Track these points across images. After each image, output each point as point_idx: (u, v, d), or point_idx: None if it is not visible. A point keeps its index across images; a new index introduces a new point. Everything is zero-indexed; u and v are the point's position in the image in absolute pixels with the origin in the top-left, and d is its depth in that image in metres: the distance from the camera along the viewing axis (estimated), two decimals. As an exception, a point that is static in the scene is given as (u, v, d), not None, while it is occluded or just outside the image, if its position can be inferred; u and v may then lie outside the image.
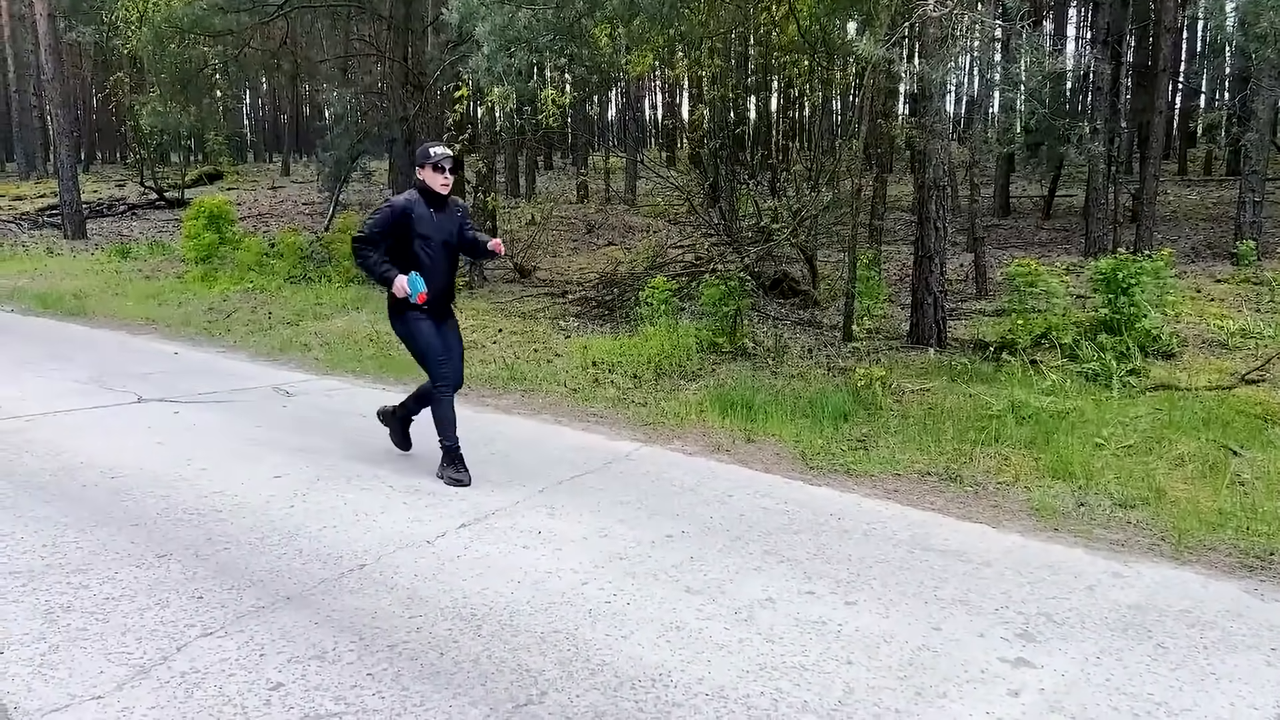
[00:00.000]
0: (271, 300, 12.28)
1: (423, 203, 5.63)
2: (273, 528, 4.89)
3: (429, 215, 5.64)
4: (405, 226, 5.57)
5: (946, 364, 8.51)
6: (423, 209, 5.63)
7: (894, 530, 5.19)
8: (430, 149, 5.65)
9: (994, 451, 6.49)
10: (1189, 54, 31.02)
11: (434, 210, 5.66)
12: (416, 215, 5.59)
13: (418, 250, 5.62)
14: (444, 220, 5.71)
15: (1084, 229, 15.88)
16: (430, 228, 5.64)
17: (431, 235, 5.63)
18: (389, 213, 5.58)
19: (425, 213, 5.62)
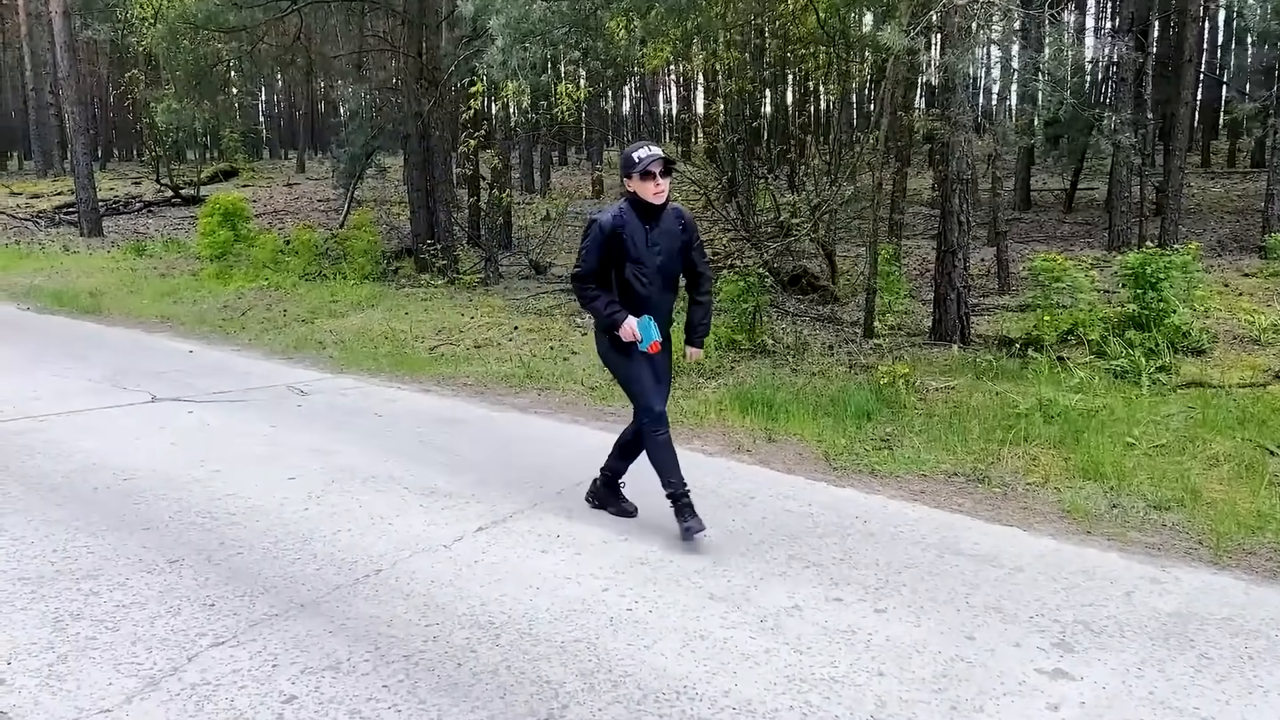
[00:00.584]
0: (286, 298, 12.21)
1: (634, 217, 4.69)
2: (286, 532, 4.79)
3: (642, 232, 4.69)
4: (615, 248, 4.69)
5: (971, 361, 8.35)
6: (635, 225, 4.69)
7: (922, 533, 5.05)
8: (634, 152, 4.67)
9: (1022, 451, 6.33)
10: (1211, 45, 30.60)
11: (648, 225, 4.71)
12: (628, 234, 4.68)
13: (629, 277, 4.72)
14: (661, 237, 4.74)
15: (1106, 222, 15.65)
16: (643, 248, 4.70)
17: (644, 259, 4.70)
18: (597, 234, 4.69)
19: (638, 229, 4.68)
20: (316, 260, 14.35)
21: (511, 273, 14.24)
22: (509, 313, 11.42)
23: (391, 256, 14.83)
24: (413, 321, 10.77)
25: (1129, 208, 13.73)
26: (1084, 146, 15.87)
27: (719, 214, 11.33)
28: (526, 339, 9.97)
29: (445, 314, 11.24)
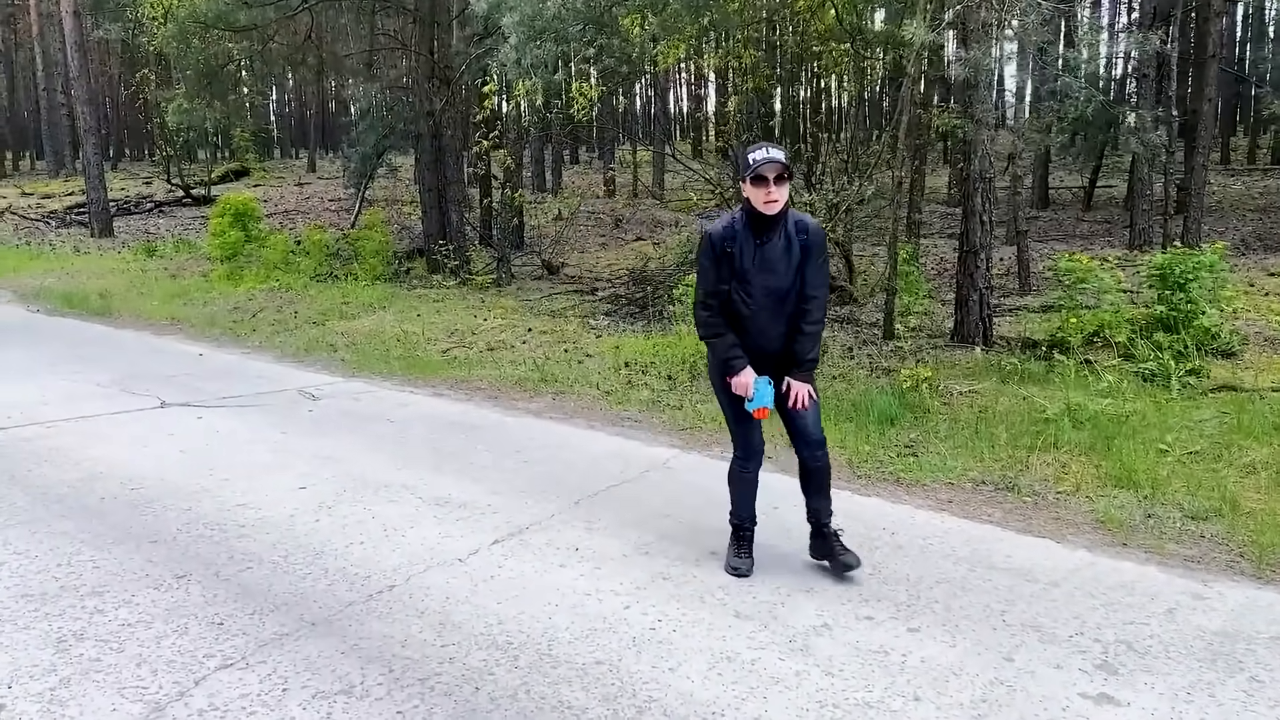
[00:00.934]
0: (297, 299, 12.10)
1: (745, 228, 4.12)
2: (297, 545, 4.65)
3: (752, 246, 4.10)
4: (725, 264, 4.16)
5: (995, 363, 8.17)
6: (745, 237, 4.11)
7: (952, 546, 4.88)
8: (750, 154, 4.06)
9: (1051, 458, 6.16)
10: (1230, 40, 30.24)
11: (760, 239, 4.11)
12: (736, 248, 4.11)
13: (734, 296, 4.17)
14: (774, 253, 4.11)
15: (1126, 220, 15.44)
16: (750, 265, 4.11)
17: (750, 277, 4.13)
18: (708, 248, 4.16)
19: (747, 242, 4.11)
20: (328, 261, 14.24)
21: (524, 273, 14.10)
22: (522, 314, 11.28)
23: (403, 257, 14.71)
24: (425, 323, 10.64)
25: (1150, 206, 13.51)
26: (1103, 144, 15.65)
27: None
28: (540, 341, 9.83)
29: (458, 315, 11.10)
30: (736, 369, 4.25)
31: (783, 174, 4.05)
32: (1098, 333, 8.33)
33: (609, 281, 13.19)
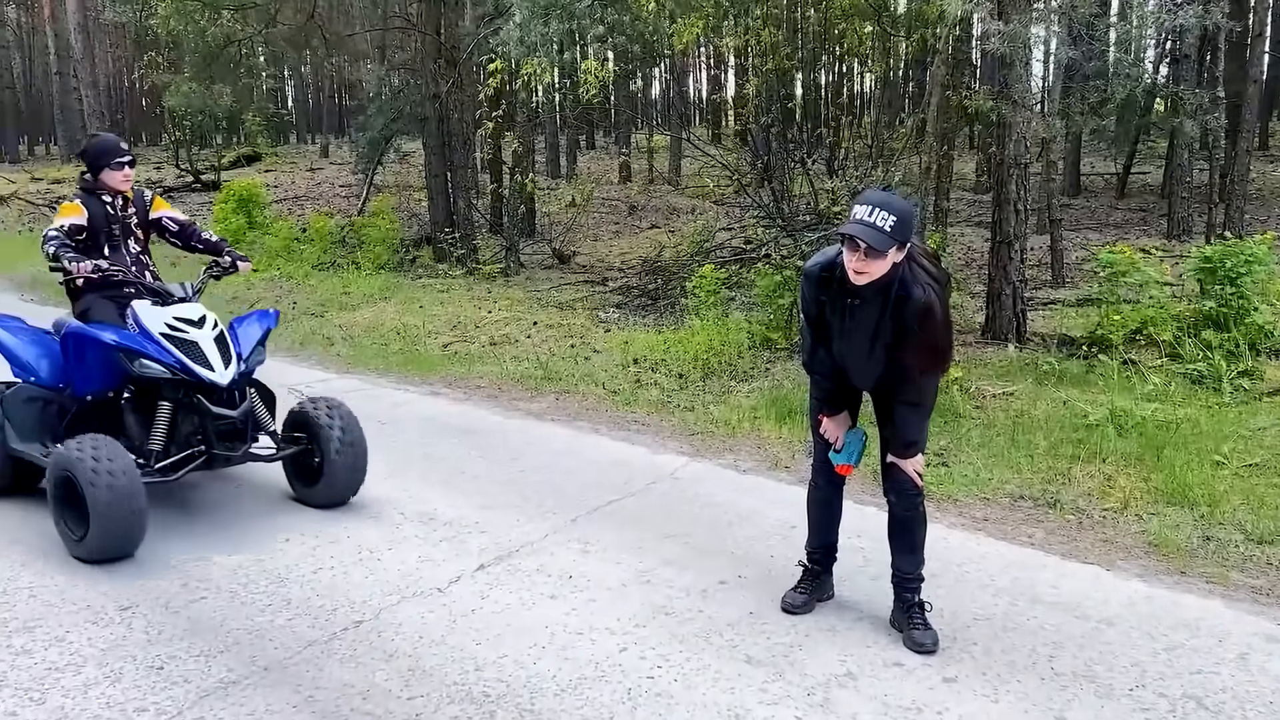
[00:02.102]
0: (298, 288, 11.66)
1: (842, 280, 3.47)
2: (260, 569, 4.20)
3: (842, 304, 3.52)
4: (817, 309, 3.64)
5: (1030, 362, 7.63)
6: (838, 290, 3.52)
7: (990, 574, 4.38)
8: (854, 206, 3.39)
9: (1095, 469, 5.63)
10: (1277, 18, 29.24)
11: (851, 300, 3.49)
12: (830, 297, 3.55)
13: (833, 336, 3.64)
14: (863, 320, 3.49)
15: (1163, 209, 14.79)
16: (837, 321, 3.57)
17: (837, 335, 3.60)
18: (803, 283, 3.69)
19: (838, 297, 3.53)
20: (332, 249, 13.79)
21: (534, 262, 13.62)
22: (529, 305, 10.80)
23: (410, 245, 14.25)
24: (426, 315, 10.17)
25: (1189, 193, 12.88)
26: (1139, 128, 15.00)
27: (752, 200, 10.62)
28: (546, 335, 9.34)
29: (461, 307, 10.63)
30: (828, 413, 3.81)
31: (877, 250, 3.27)
32: (1140, 330, 7.76)
33: (621, 271, 12.70)
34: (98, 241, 4.80)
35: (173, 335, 4.32)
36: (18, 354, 4.78)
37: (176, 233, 5.20)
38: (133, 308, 4.49)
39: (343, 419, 4.81)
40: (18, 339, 4.84)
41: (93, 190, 4.86)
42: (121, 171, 4.87)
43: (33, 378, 4.76)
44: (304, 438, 4.85)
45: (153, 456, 4.43)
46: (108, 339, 4.35)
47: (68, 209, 4.74)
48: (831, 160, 9.85)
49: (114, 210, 4.88)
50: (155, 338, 4.32)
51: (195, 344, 4.36)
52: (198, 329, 4.40)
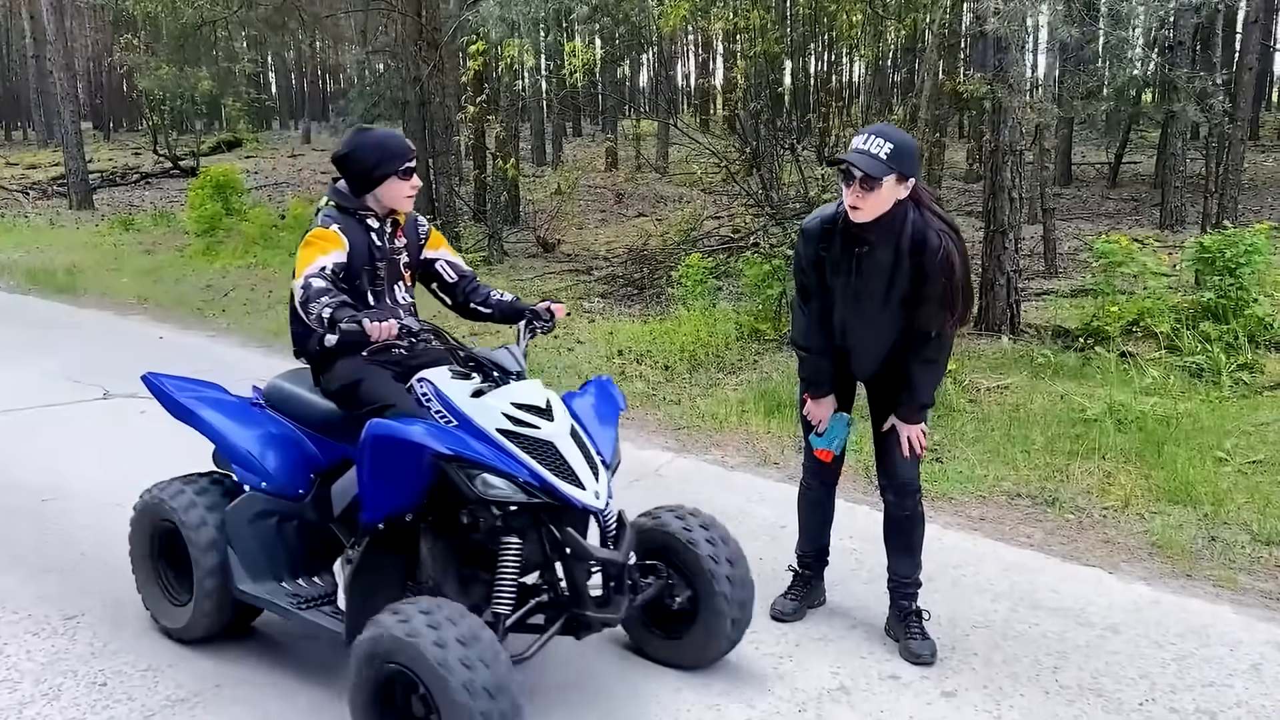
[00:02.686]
0: (274, 277, 11.36)
1: (845, 230, 3.29)
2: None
3: (847, 256, 3.31)
4: (815, 268, 3.43)
5: (1025, 355, 7.43)
6: (840, 242, 3.32)
7: (988, 578, 4.18)
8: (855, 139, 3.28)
9: (1094, 466, 5.44)
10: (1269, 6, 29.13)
11: (857, 249, 3.28)
12: (832, 252, 3.34)
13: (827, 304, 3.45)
14: (871, 269, 3.29)
15: (1156, 199, 14.63)
16: (841, 278, 3.35)
17: (842, 293, 3.37)
18: (800, 241, 3.48)
19: (843, 250, 3.31)
20: (311, 236, 13.45)
21: (518, 250, 13.35)
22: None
23: (391, 232, 13.91)
24: (406, 305, 9.90)
25: (1183, 183, 12.71)
26: (1131, 116, 14.83)
27: (741, 188, 10.39)
28: (529, 325, 9.09)
29: (442, 296, 10.36)
30: (814, 394, 3.58)
31: (874, 176, 3.09)
32: (1137, 322, 7.57)
33: (607, 260, 12.45)
34: (354, 286, 3.23)
35: (516, 433, 2.88)
36: (235, 442, 3.32)
37: (453, 285, 3.58)
38: (434, 385, 3.02)
39: (721, 539, 3.28)
40: (230, 419, 3.41)
41: (353, 210, 3.26)
42: (410, 181, 3.29)
43: (263, 481, 3.26)
44: (660, 566, 3.32)
45: (498, 623, 2.87)
46: (437, 446, 2.77)
47: (323, 239, 3.12)
48: (822, 147, 9.62)
49: (381, 240, 3.30)
50: (491, 436, 2.86)
51: (551, 446, 2.89)
52: (548, 420, 2.94)
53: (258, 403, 3.56)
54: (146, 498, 3.49)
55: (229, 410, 3.46)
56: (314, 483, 3.32)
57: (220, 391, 3.64)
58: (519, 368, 3.04)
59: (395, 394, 3.08)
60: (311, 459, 3.34)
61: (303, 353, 3.35)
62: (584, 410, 3.19)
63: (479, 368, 3.01)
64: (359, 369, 3.15)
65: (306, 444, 3.36)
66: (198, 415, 3.42)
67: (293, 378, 3.51)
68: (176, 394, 3.51)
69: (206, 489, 3.43)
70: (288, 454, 3.31)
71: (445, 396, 2.98)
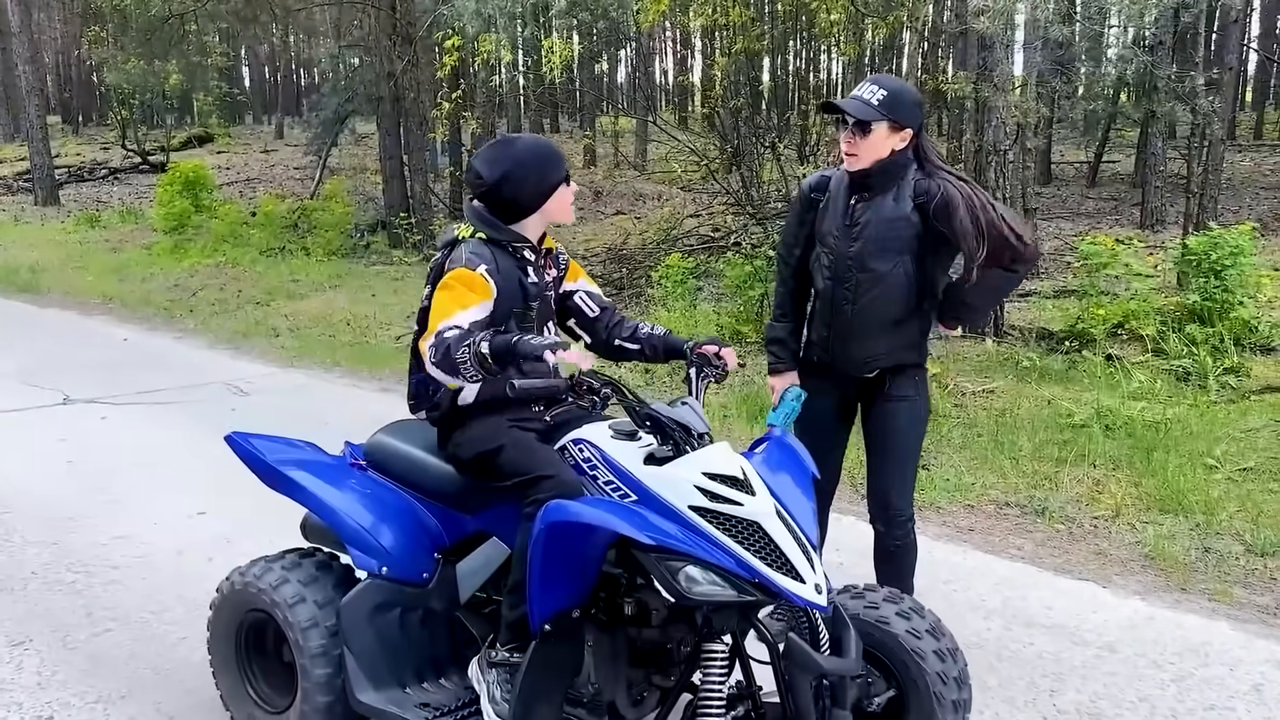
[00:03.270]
0: (244, 275, 11.12)
1: (846, 179, 3.15)
2: (177, 596, 3.77)
3: (843, 205, 3.14)
4: (807, 219, 3.25)
5: (1009, 358, 7.32)
6: (840, 190, 3.16)
7: (980, 594, 4.05)
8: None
9: (1083, 474, 5.33)
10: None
11: (857, 197, 3.12)
12: (828, 200, 3.19)
13: (812, 265, 3.25)
14: (870, 219, 3.10)
15: (1135, 198, 14.62)
16: (835, 228, 3.15)
17: (835, 245, 3.15)
18: (797, 194, 3.32)
19: (840, 196, 3.15)
20: (282, 234, 13.22)
21: (494, 248, 13.16)
22: (488, 294, 10.35)
23: (365, 230, 13.71)
24: (379, 304, 9.71)
25: (1163, 183, 12.69)
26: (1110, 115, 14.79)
27: (721, 186, 10.24)
28: (505, 326, 8.91)
29: (417, 296, 10.10)
30: (771, 367, 3.35)
31: (867, 121, 2.99)
32: (1122, 324, 7.48)
33: (585, 259, 12.27)
34: (509, 326, 2.64)
35: (714, 511, 2.29)
36: (346, 516, 2.72)
37: (594, 320, 2.97)
38: (600, 449, 2.49)
39: (939, 635, 2.62)
40: (334, 487, 2.80)
41: (506, 242, 2.68)
42: (572, 188, 2.79)
43: (383, 565, 2.67)
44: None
45: None
46: (637, 535, 2.23)
47: (467, 285, 2.53)
48: (803, 145, 9.49)
49: (536, 274, 2.74)
50: (684, 517, 2.30)
51: (756, 528, 2.30)
52: (748, 495, 2.32)
53: (357, 463, 2.95)
54: (235, 581, 2.85)
55: (331, 475, 2.85)
56: (438, 564, 2.75)
57: (316, 451, 3.02)
58: (705, 428, 2.44)
59: (548, 462, 2.50)
60: (433, 534, 2.77)
61: (425, 409, 2.75)
62: (775, 478, 2.52)
63: (657, 427, 2.41)
64: (499, 432, 2.60)
65: (426, 515, 2.80)
66: (296, 482, 2.81)
67: (401, 433, 2.93)
68: (268, 456, 2.87)
69: (315, 576, 2.77)
70: (407, 529, 2.74)
71: (617, 464, 2.42)
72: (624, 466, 2.41)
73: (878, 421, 3.34)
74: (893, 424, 3.28)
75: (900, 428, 3.29)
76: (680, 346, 2.90)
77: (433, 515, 2.81)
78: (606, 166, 19.23)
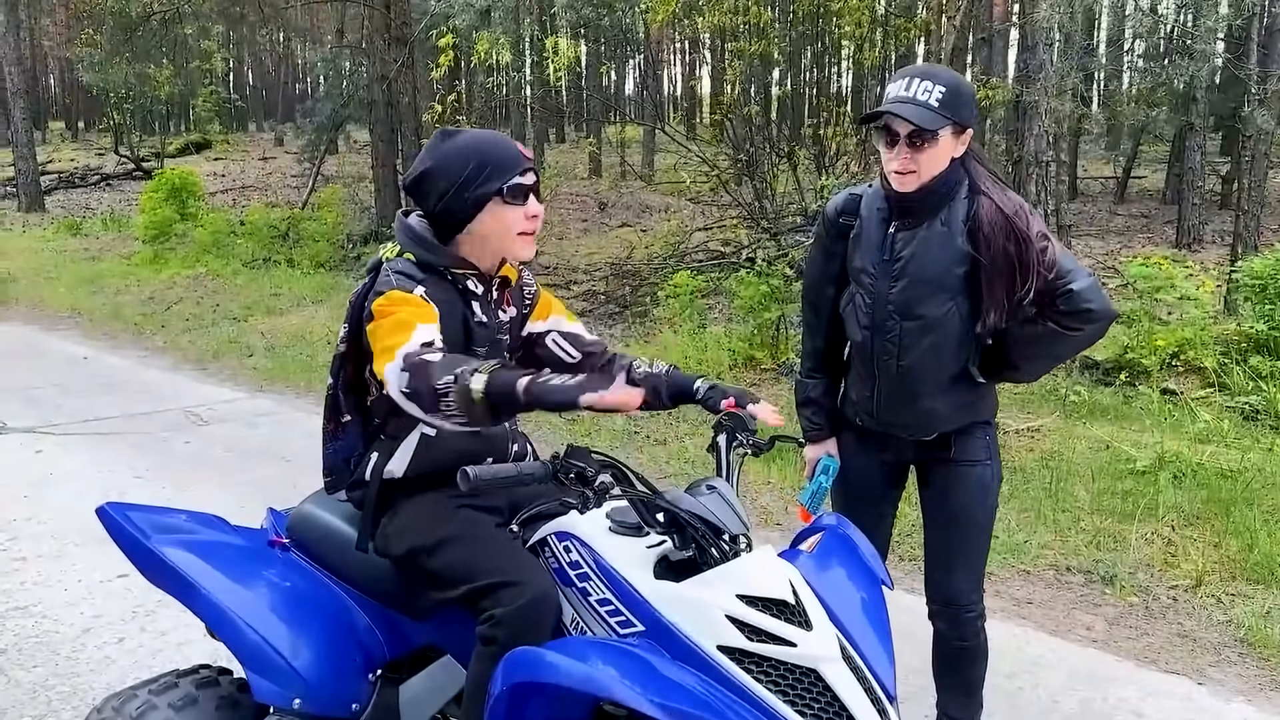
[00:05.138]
0: (223, 289, 10.46)
1: (881, 200, 2.46)
2: (73, 689, 3.07)
3: (880, 233, 2.45)
4: (837, 249, 2.57)
5: (1053, 390, 6.61)
6: (874, 214, 2.47)
7: (1052, 693, 3.34)
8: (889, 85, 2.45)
9: (1152, 531, 4.63)
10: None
11: (899, 223, 2.42)
12: (861, 226, 2.49)
13: (845, 307, 2.58)
14: (918, 250, 2.39)
15: (1167, 215, 13.92)
16: (872, 260, 2.46)
17: (871, 283, 2.46)
18: (819, 222, 2.66)
19: (875, 224, 2.46)
20: (271, 244, 12.57)
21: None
22: (482, 311, 9.67)
23: (358, 241, 13.06)
24: (364, 322, 9.02)
25: (1201, 199, 11.99)
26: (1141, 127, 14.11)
27: (733, 198, 9.56)
28: (498, 347, 8.23)
29: (406, 312, 9.48)
30: (806, 434, 2.68)
31: (926, 130, 2.28)
32: (1177, 355, 6.77)
33: (588, 274, 11.61)
34: None
35: (753, 654, 1.65)
36: (248, 627, 2.01)
37: (575, 366, 2.32)
38: (593, 551, 1.87)
39: None
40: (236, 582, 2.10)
41: (442, 267, 2.06)
42: (525, 207, 2.08)
43: (295, 697, 1.98)
44: None
45: None
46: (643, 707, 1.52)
47: (409, 304, 1.94)
48: (821, 155, 8.81)
49: (485, 311, 2.12)
50: (712, 661, 1.65)
51: (813, 678, 1.65)
52: (800, 626, 1.68)
53: (278, 540, 2.27)
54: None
55: (233, 562, 2.14)
56: (374, 687, 2.08)
57: (220, 529, 2.30)
58: (743, 526, 1.78)
59: (510, 561, 1.89)
60: (369, 647, 2.10)
61: (345, 488, 2.12)
62: (836, 596, 1.83)
63: (674, 523, 1.76)
64: (441, 519, 1.98)
65: (359, 618, 2.13)
66: (183, 575, 2.07)
67: (333, 503, 2.23)
68: (148, 537, 2.14)
69: (193, 699, 2.08)
70: (334, 642, 2.05)
71: (617, 576, 1.78)
72: (627, 580, 1.76)
73: (939, 492, 2.64)
74: (960, 496, 2.59)
75: (969, 500, 2.60)
76: (689, 386, 2.30)
77: (368, 617, 2.12)
78: (612, 176, 18.57)
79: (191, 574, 2.07)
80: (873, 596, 1.93)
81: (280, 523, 2.33)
